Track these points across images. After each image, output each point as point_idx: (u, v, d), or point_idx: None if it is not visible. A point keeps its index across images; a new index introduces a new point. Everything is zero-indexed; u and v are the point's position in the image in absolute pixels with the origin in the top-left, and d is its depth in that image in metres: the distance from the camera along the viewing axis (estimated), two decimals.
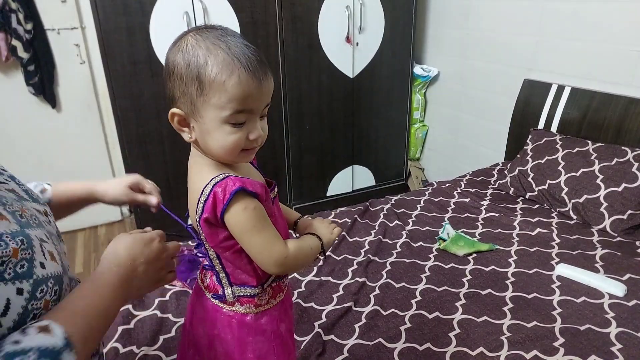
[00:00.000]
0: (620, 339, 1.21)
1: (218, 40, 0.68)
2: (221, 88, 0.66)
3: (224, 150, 0.71)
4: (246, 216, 0.70)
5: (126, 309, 1.38)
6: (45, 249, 0.59)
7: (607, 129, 1.96)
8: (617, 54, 1.93)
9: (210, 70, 0.66)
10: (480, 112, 2.73)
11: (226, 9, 2.28)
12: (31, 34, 2.41)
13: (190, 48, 0.68)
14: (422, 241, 1.75)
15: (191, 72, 0.67)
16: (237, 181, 0.69)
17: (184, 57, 0.68)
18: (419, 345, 1.23)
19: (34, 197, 0.70)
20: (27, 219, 0.60)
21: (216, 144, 0.70)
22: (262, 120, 0.74)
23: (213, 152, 0.72)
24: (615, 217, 1.72)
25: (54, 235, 0.65)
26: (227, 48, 0.67)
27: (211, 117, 0.68)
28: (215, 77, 0.66)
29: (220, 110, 0.67)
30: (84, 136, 2.78)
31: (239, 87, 0.66)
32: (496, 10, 2.47)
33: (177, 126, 0.73)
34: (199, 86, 0.67)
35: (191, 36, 0.69)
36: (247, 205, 0.69)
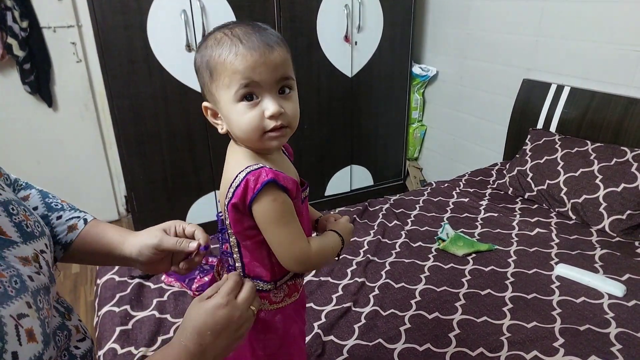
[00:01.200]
0: (620, 339, 1.20)
1: (226, 29, 0.70)
2: (224, 67, 0.68)
3: (244, 132, 0.70)
4: (274, 208, 0.69)
5: (124, 309, 1.37)
6: (23, 328, 0.49)
7: (607, 129, 1.96)
8: (617, 54, 1.93)
9: (215, 54, 0.68)
10: (479, 112, 2.72)
11: (224, 7, 2.27)
12: (27, 32, 2.39)
13: (204, 43, 0.72)
14: (421, 241, 1.75)
15: (203, 61, 0.71)
16: (271, 173, 0.68)
17: (200, 52, 0.72)
18: (419, 346, 1.22)
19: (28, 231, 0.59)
20: (4, 287, 0.50)
21: (236, 126, 0.71)
22: (286, 99, 0.72)
23: (239, 137, 0.73)
24: (614, 217, 1.72)
25: (42, 290, 0.55)
26: (230, 33, 0.69)
27: (225, 100, 0.70)
28: (218, 58, 0.68)
29: (228, 88, 0.68)
30: (80, 135, 2.76)
31: (237, 60, 0.67)
32: (495, 10, 2.47)
33: (212, 120, 0.75)
34: (210, 73, 0.70)
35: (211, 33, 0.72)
36: (276, 197, 0.69)
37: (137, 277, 1.51)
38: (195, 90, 2.35)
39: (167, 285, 1.49)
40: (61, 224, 0.76)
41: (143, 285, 1.49)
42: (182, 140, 2.41)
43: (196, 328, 0.64)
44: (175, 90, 2.31)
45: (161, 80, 2.27)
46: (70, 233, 0.75)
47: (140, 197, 2.42)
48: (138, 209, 2.44)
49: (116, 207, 3.04)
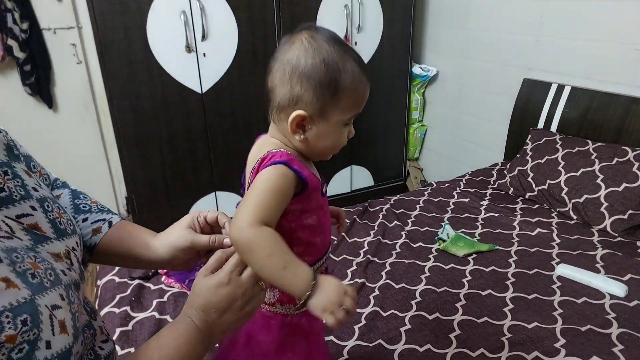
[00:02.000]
0: (622, 340, 1.20)
1: (344, 46, 0.73)
2: (351, 94, 0.73)
3: (333, 149, 0.78)
4: (267, 177, 0.70)
5: (124, 310, 1.37)
6: (56, 319, 0.50)
7: (608, 129, 1.95)
8: (618, 53, 1.93)
9: (346, 78, 0.72)
10: (479, 112, 2.72)
11: (224, 8, 2.27)
12: (27, 33, 2.38)
13: (326, 53, 0.71)
14: (421, 242, 1.74)
15: (330, 77, 0.71)
16: (288, 157, 0.72)
17: (324, 60, 0.70)
18: (419, 347, 1.22)
19: (62, 228, 0.60)
20: (39, 277, 0.51)
21: (330, 142, 0.77)
22: None
23: (318, 150, 0.78)
24: (615, 217, 1.71)
25: (73, 285, 0.57)
26: (353, 58, 0.73)
27: (336, 119, 0.74)
28: (349, 84, 0.72)
29: (345, 113, 0.75)
30: (81, 137, 2.76)
31: (363, 94, 0.75)
32: (495, 10, 2.46)
33: (293, 127, 0.74)
34: (335, 91, 0.72)
35: (318, 39, 0.72)
36: (280, 172, 0.70)
37: (137, 278, 1.51)
38: (195, 91, 2.35)
39: (167, 286, 1.48)
40: (86, 227, 0.76)
41: (143, 287, 1.49)
42: (183, 141, 2.41)
43: (201, 305, 0.64)
44: (175, 92, 2.31)
45: (161, 81, 2.27)
46: (94, 236, 0.75)
47: (141, 198, 2.42)
48: (139, 210, 2.44)
49: (117, 208, 3.03)
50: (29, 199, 0.58)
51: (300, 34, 0.72)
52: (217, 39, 2.31)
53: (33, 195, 0.59)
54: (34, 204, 0.58)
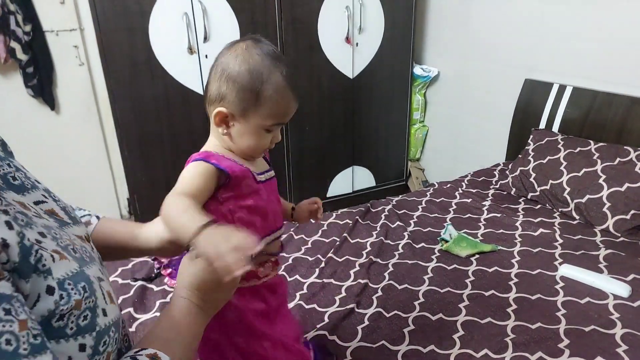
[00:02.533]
0: (626, 340, 1.19)
1: (275, 61, 0.81)
2: (273, 105, 0.81)
3: (252, 150, 0.86)
4: (186, 169, 0.82)
5: (127, 311, 1.37)
6: (104, 289, 0.53)
7: (610, 129, 1.95)
8: (619, 54, 1.93)
9: (269, 88, 0.80)
10: (480, 112, 2.72)
11: (226, 10, 2.28)
12: (30, 35, 2.39)
13: (254, 62, 0.80)
14: (424, 242, 1.74)
15: (252, 85, 0.80)
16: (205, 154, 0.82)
17: (249, 69, 0.79)
18: (423, 348, 1.22)
19: (73, 216, 0.63)
20: (80, 253, 0.53)
21: (248, 144, 0.85)
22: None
23: (241, 148, 0.86)
24: (618, 217, 1.71)
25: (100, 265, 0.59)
26: (281, 73, 0.81)
27: (255, 123, 0.83)
28: (271, 95, 0.80)
29: (265, 119, 0.82)
30: (83, 138, 2.76)
31: (286, 107, 0.84)
32: (496, 10, 2.46)
33: (218, 122, 0.84)
34: (257, 97, 0.80)
35: (252, 49, 0.81)
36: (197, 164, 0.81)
37: (140, 280, 1.51)
38: (197, 93, 2.35)
39: (170, 287, 1.49)
40: None
41: (146, 288, 1.49)
42: (184, 142, 2.41)
43: (194, 285, 0.66)
44: (177, 93, 2.31)
45: (163, 82, 2.27)
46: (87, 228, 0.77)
47: (143, 199, 2.43)
48: (140, 211, 2.44)
49: (119, 209, 3.04)
50: (38, 189, 0.60)
51: (242, 41, 0.82)
52: (219, 40, 2.31)
53: (39, 186, 0.61)
54: (43, 192, 0.60)
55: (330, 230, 1.87)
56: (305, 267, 1.61)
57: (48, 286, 0.45)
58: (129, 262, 1.62)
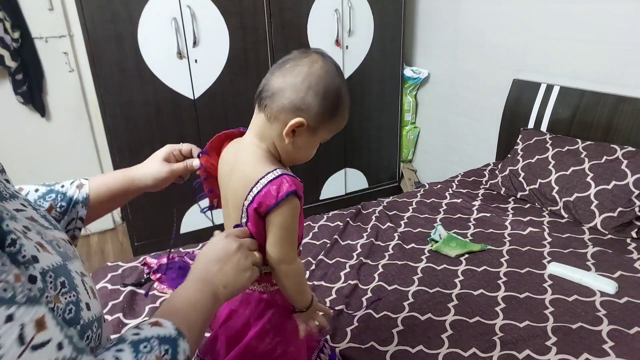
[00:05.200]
0: (612, 337, 1.20)
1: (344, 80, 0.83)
2: (341, 120, 0.83)
3: (303, 159, 0.86)
4: (290, 215, 0.78)
5: (116, 317, 1.37)
6: (87, 284, 0.54)
7: (597, 128, 1.97)
8: (605, 53, 1.95)
9: (343, 106, 0.82)
10: (470, 113, 2.73)
11: (215, 14, 2.28)
12: (19, 42, 2.39)
13: (339, 81, 0.80)
14: (414, 243, 1.75)
15: (337, 103, 0.80)
16: (292, 184, 0.76)
17: (337, 87, 0.80)
18: (412, 348, 1.22)
19: (53, 223, 0.65)
20: (63, 248, 0.55)
21: (306, 155, 0.85)
22: None
23: (295, 158, 0.85)
24: (605, 215, 1.72)
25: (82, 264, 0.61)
26: (347, 92, 0.83)
27: (321, 137, 0.83)
28: (343, 113, 0.83)
29: (329, 134, 0.84)
30: (74, 145, 2.76)
31: (345, 123, 0.85)
32: (484, 12, 2.49)
33: (288, 131, 0.79)
34: (334, 113, 0.81)
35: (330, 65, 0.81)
36: (294, 205, 0.78)
37: (130, 285, 1.51)
38: (187, 97, 2.36)
39: (159, 292, 1.49)
40: (69, 188, 0.83)
41: (135, 293, 1.49)
42: None
43: (201, 262, 0.73)
44: (167, 98, 2.32)
45: (153, 87, 2.27)
46: (82, 190, 0.83)
47: (135, 205, 2.42)
48: (132, 217, 2.44)
49: (111, 215, 3.03)
50: (18, 198, 0.62)
51: (316, 54, 0.80)
52: (209, 45, 2.32)
53: (19, 196, 0.63)
54: (22, 202, 0.62)
55: (321, 232, 1.87)
56: None
57: (30, 275, 0.46)
58: (119, 267, 1.61)
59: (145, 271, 1.56)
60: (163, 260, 1.58)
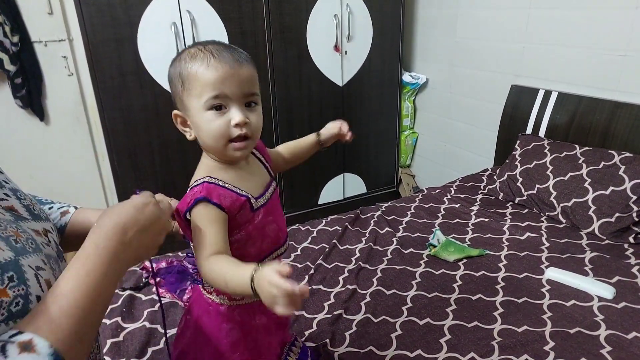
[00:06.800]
0: (610, 342, 1.21)
1: (200, 45, 0.78)
2: (196, 78, 0.75)
3: (211, 139, 0.77)
4: (195, 217, 0.76)
5: (115, 321, 1.37)
6: (42, 277, 0.55)
7: (594, 133, 1.98)
8: (603, 59, 1.96)
9: (188, 66, 0.76)
10: (469, 119, 2.75)
11: (214, 19, 2.29)
12: (18, 46, 2.39)
13: (178, 57, 0.79)
14: (412, 247, 1.75)
15: (176, 73, 0.78)
16: (204, 190, 0.76)
17: (174, 65, 0.79)
18: (410, 352, 1.22)
19: (36, 213, 0.66)
20: (22, 243, 0.56)
21: (204, 134, 0.77)
22: (251, 111, 0.79)
23: (207, 145, 0.80)
24: (603, 220, 1.73)
25: (53, 258, 0.61)
26: (204, 48, 0.76)
27: (195, 107, 0.76)
28: (191, 69, 0.75)
29: (199, 98, 0.75)
30: (73, 148, 2.76)
31: (208, 72, 0.74)
32: (483, 18, 2.50)
33: (181, 127, 0.82)
34: (182, 83, 0.76)
35: (186, 49, 0.80)
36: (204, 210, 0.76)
37: (129, 289, 1.51)
38: None
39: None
40: (54, 212, 0.83)
41: (134, 297, 1.48)
42: (174, 151, 2.42)
43: (119, 224, 0.60)
44: (166, 102, 2.32)
45: (152, 92, 2.28)
46: (64, 217, 0.82)
47: None
48: None
49: None
50: (2, 188, 0.64)
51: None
52: None
53: (5, 186, 0.65)
54: (7, 192, 0.64)
55: (319, 237, 1.87)
56: (295, 275, 1.61)
57: None
58: None
59: (144, 275, 1.55)
60: (162, 264, 1.58)
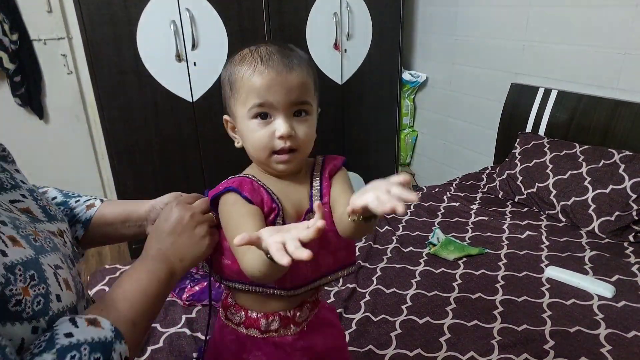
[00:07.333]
0: (610, 340, 1.21)
1: (253, 47, 0.71)
2: (242, 83, 0.69)
3: (254, 149, 0.72)
4: (222, 210, 0.72)
5: None
6: (60, 277, 0.55)
7: (594, 132, 1.97)
8: (602, 57, 1.96)
9: (237, 70, 0.70)
10: (468, 117, 2.74)
11: (214, 17, 2.29)
12: (17, 44, 2.39)
13: (231, 59, 0.74)
14: (412, 246, 1.75)
15: (226, 76, 0.73)
16: (237, 181, 0.72)
17: (226, 67, 0.74)
18: (410, 351, 1.22)
19: (52, 214, 0.66)
20: (41, 242, 0.56)
21: (248, 143, 0.72)
22: (300, 122, 0.70)
23: (250, 154, 0.74)
24: (603, 219, 1.73)
25: (69, 257, 0.62)
26: (255, 50, 0.70)
27: (241, 115, 0.71)
28: (238, 74, 0.70)
29: (244, 105, 0.70)
30: (72, 147, 2.76)
31: (254, 77, 0.68)
32: (483, 16, 2.50)
33: (231, 133, 0.77)
34: (230, 87, 0.72)
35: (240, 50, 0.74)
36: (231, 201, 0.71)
37: None
38: (186, 100, 2.36)
39: None
40: (80, 205, 0.83)
41: None
42: (173, 150, 2.41)
43: (153, 235, 0.71)
44: (165, 100, 2.31)
45: (151, 90, 2.27)
46: (89, 210, 0.82)
47: None
48: None
49: None
50: (19, 189, 0.64)
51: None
52: (207, 48, 2.32)
53: (22, 187, 0.65)
54: (24, 192, 0.64)
55: None
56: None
57: None
58: (116, 270, 1.61)
59: None
60: None
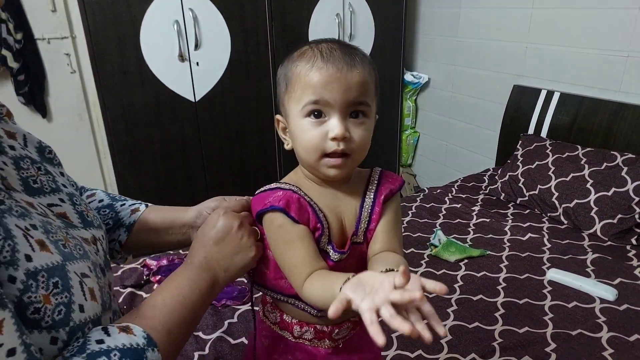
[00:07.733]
0: (612, 344, 1.21)
1: (314, 43, 0.67)
2: (299, 78, 0.64)
3: (304, 150, 0.66)
4: (269, 233, 0.69)
5: None
6: (86, 286, 0.53)
7: (597, 134, 1.97)
8: (605, 60, 1.95)
9: (294, 66, 0.66)
10: (470, 118, 2.74)
11: (217, 18, 2.29)
12: (21, 43, 2.39)
13: (290, 55, 0.69)
14: (413, 247, 1.75)
15: (282, 72, 0.68)
16: (284, 199, 0.65)
17: (284, 63, 0.69)
18: (411, 353, 1.22)
19: (88, 220, 0.65)
20: (70, 249, 0.54)
21: (298, 143, 0.67)
22: (356, 124, 0.66)
23: (300, 156, 0.69)
24: (605, 222, 1.73)
25: (99, 267, 0.60)
26: (315, 46, 0.66)
27: (294, 112, 0.66)
28: (295, 69, 0.65)
29: (298, 102, 0.64)
30: (75, 146, 2.76)
31: (311, 73, 0.63)
32: (485, 18, 2.50)
33: (281, 134, 0.73)
34: (286, 84, 0.67)
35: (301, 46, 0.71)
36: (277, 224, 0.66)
37: (130, 287, 1.51)
38: (188, 100, 2.36)
39: None
40: (125, 209, 0.83)
41: (135, 295, 1.48)
42: (176, 149, 2.42)
43: (198, 242, 0.70)
44: (168, 100, 2.32)
45: (154, 90, 2.28)
46: (133, 215, 0.82)
47: None
48: None
49: None
50: (59, 192, 0.63)
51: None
52: (210, 48, 2.32)
53: (63, 190, 0.64)
54: (63, 197, 0.63)
55: None
56: None
57: (10, 276, 0.45)
58: (119, 268, 1.61)
59: (145, 273, 1.56)
60: (163, 261, 1.58)
